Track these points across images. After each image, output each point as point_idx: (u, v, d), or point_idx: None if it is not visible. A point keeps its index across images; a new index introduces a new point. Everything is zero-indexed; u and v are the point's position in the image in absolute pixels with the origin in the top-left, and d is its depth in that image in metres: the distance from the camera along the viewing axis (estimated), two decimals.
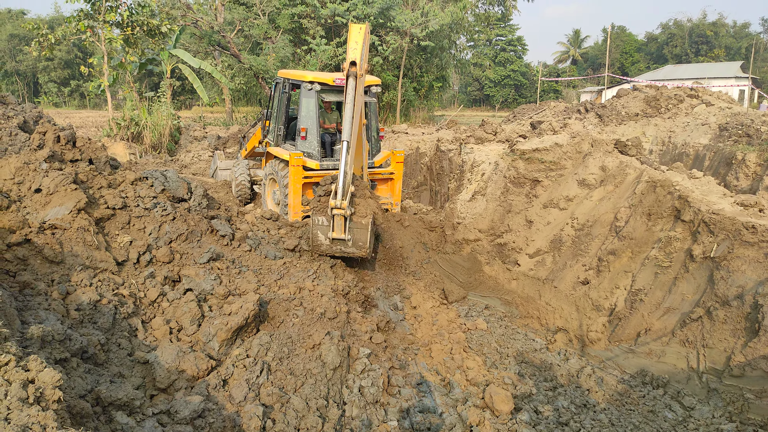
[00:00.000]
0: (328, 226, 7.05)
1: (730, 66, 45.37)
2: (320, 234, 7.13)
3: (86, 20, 17.49)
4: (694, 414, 5.76)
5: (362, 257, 7.36)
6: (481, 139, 12.89)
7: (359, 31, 7.58)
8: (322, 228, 7.11)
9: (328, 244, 7.12)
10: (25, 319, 4.05)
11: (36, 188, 5.51)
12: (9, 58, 54.13)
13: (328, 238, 7.09)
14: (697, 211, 7.13)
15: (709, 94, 16.07)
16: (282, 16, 26.18)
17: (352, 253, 7.22)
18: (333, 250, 7.19)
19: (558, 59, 73.88)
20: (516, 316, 8.13)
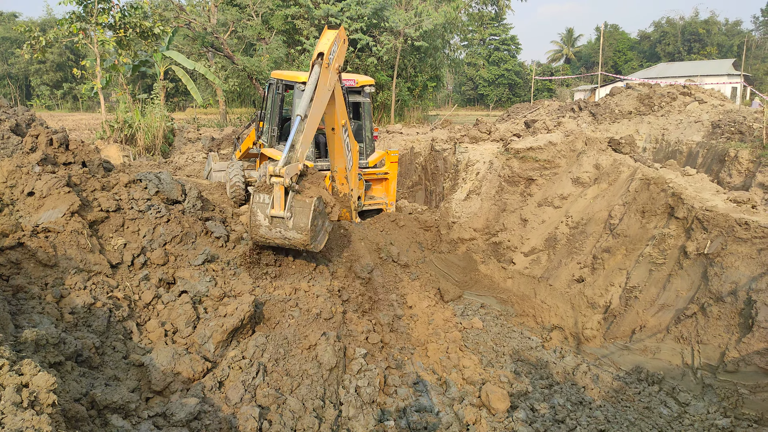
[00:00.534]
0: (269, 204, 6.36)
1: (723, 63, 45.63)
2: (259, 212, 6.38)
3: (78, 22, 17.42)
4: (689, 410, 5.79)
5: (305, 246, 6.36)
6: (476, 138, 12.92)
7: (333, 32, 7.68)
8: (262, 206, 6.37)
9: (267, 225, 6.36)
10: (19, 323, 4.03)
11: (29, 191, 5.48)
12: (1, 61, 53.87)
13: (267, 218, 6.35)
14: (691, 208, 7.17)
15: (701, 91, 16.16)
16: (275, 17, 26.15)
17: (293, 240, 6.34)
18: (272, 234, 6.40)
19: (551, 58, 74.13)
20: (511, 314, 8.15)
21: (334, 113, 8.18)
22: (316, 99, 7.17)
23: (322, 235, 6.66)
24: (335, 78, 7.61)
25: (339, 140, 8.50)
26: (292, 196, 6.33)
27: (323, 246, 6.62)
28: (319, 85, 7.22)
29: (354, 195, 9.27)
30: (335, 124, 8.28)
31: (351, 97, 10.31)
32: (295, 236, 6.29)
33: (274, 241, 6.44)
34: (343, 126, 8.35)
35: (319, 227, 6.56)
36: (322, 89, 7.30)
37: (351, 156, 8.86)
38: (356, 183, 9.27)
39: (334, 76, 7.59)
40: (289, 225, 6.27)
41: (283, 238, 6.34)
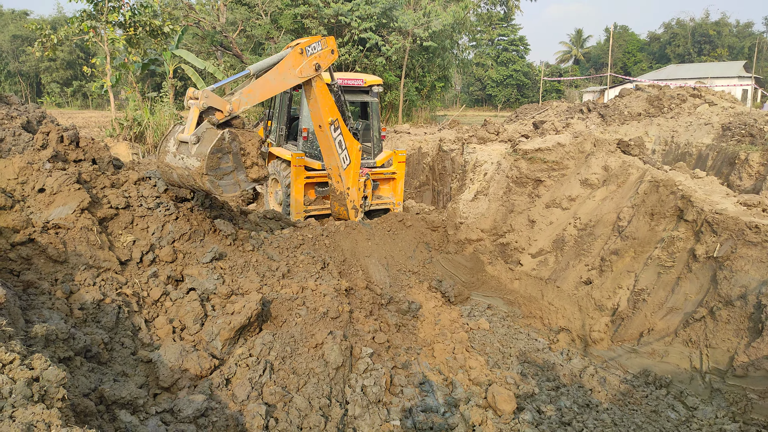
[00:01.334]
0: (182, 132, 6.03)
1: (733, 65, 45.30)
2: (171, 139, 6.03)
3: (89, 21, 17.53)
4: (697, 414, 5.75)
5: (201, 178, 5.73)
6: (484, 138, 12.89)
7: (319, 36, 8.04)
8: (175, 132, 6.05)
9: (174, 152, 5.97)
10: (29, 318, 4.06)
11: (39, 188, 5.53)
12: (12, 59, 54.30)
13: (176, 143, 5.98)
14: (700, 210, 7.12)
15: (711, 93, 16.05)
16: (284, 17, 26.21)
17: (191, 169, 5.79)
18: (176, 162, 5.95)
19: (560, 59, 73.86)
20: (518, 315, 8.12)
21: (317, 111, 8.31)
22: (276, 71, 7.32)
23: (229, 181, 5.97)
24: (310, 70, 7.77)
25: (326, 138, 8.60)
26: (206, 125, 5.96)
27: (229, 195, 6.02)
28: (284, 61, 7.43)
29: (352, 194, 9.26)
30: (321, 121, 8.43)
31: (359, 97, 10.32)
32: (194, 164, 5.75)
33: (176, 171, 5.97)
34: (332, 124, 8.42)
35: (225, 168, 5.91)
36: (285, 66, 7.43)
37: (346, 154, 8.86)
38: (355, 182, 9.23)
39: (309, 69, 7.75)
40: (192, 151, 5.78)
41: (184, 167, 5.84)
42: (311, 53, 7.79)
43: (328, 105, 8.36)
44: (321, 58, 7.92)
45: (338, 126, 8.56)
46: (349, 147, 8.89)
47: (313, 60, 7.83)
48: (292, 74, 7.61)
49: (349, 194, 9.25)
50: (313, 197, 10.05)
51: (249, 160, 6.18)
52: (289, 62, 7.58)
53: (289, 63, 7.59)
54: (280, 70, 7.47)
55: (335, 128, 8.52)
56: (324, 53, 7.97)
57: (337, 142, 8.68)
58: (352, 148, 8.96)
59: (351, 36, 25.84)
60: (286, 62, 7.56)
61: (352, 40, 25.97)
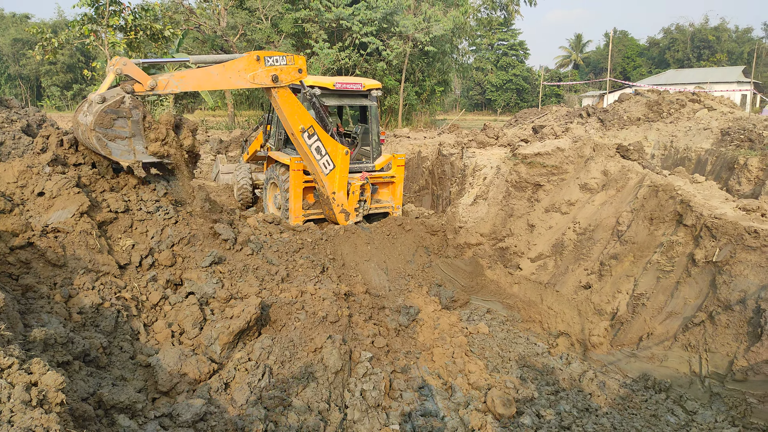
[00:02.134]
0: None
1: (732, 71, 45.41)
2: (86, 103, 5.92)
3: (90, 24, 17.58)
4: (697, 418, 5.75)
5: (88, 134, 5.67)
6: (483, 143, 12.91)
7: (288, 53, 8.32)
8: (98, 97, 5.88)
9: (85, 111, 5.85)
10: (28, 322, 4.06)
11: (39, 192, 5.53)
12: (12, 62, 54.38)
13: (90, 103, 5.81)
14: (699, 215, 7.13)
15: (711, 98, 16.09)
16: (285, 21, 26.28)
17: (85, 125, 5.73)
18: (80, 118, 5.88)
19: (560, 63, 74.02)
20: (518, 320, 8.12)
21: (285, 121, 8.52)
22: (221, 67, 7.40)
23: (122, 146, 5.80)
24: (265, 79, 7.84)
25: (299, 145, 8.71)
26: (118, 89, 5.89)
27: (120, 159, 5.88)
28: (235, 61, 7.52)
29: (339, 198, 9.27)
30: (291, 130, 8.58)
31: (358, 101, 10.34)
32: (86, 120, 5.64)
33: (79, 129, 5.87)
34: (304, 132, 8.53)
35: (120, 131, 5.75)
36: (234, 66, 7.50)
37: (327, 159, 8.90)
38: (342, 186, 9.23)
39: (264, 77, 7.82)
40: (93, 110, 5.67)
41: (84, 123, 5.73)
42: (270, 64, 7.84)
43: (296, 114, 8.44)
44: (282, 71, 7.97)
45: (313, 133, 8.61)
46: (331, 152, 8.90)
47: (272, 71, 7.87)
48: (241, 76, 7.65)
49: (336, 198, 9.26)
50: (312, 201, 10.05)
51: (154, 134, 6.11)
52: (240, 64, 7.64)
53: (240, 65, 7.64)
54: (227, 67, 7.51)
55: (309, 135, 8.59)
56: (288, 68, 8.03)
57: (314, 149, 8.74)
58: (336, 152, 8.96)
59: (352, 40, 25.91)
60: (237, 63, 7.61)
61: (353, 44, 26.03)
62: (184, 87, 7.01)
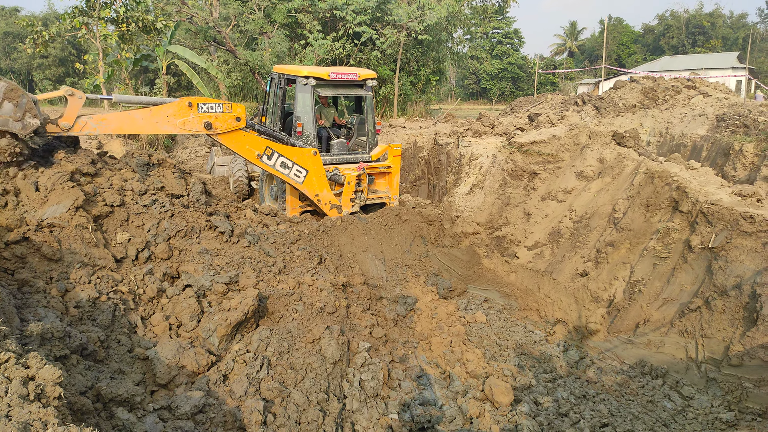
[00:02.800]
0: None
1: (727, 57, 45.33)
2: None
3: (81, 17, 17.38)
4: (693, 403, 5.79)
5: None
6: (479, 132, 12.88)
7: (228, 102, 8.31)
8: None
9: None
10: (24, 317, 4.05)
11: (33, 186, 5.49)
12: (3, 56, 53.85)
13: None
14: (695, 201, 7.14)
15: (706, 84, 16.08)
16: (278, 11, 26.07)
17: None
18: None
19: (555, 51, 73.73)
20: (515, 308, 8.14)
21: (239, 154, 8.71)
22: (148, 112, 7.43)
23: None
24: (197, 126, 7.89)
25: (264, 168, 8.85)
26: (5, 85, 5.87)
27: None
28: (164, 106, 7.61)
29: (324, 197, 9.31)
30: (248, 161, 8.84)
31: (353, 91, 10.30)
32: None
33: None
34: (260, 157, 8.60)
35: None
36: (162, 112, 7.56)
37: (297, 168, 8.94)
38: (322, 185, 9.26)
39: (196, 124, 7.87)
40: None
41: None
42: (204, 111, 7.86)
43: (246, 144, 8.50)
44: (217, 119, 8.01)
45: (271, 153, 8.68)
46: (299, 160, 8.89)
47: (204, 118, 7.89)
48: (170, 121, 7.66)
49: (321, 198, 9.26)
50: None
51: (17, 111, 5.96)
52: (169, 110, 7.64)
53: (170, 110, 7.64)
54: (155, 113, 7.52)
55: (268, 157, 8.67)
56: (223, 116, 8.07)
57: (279, 166, 8.80)
58: (304, 158, 8.93)
59: (345, 30, 25.74)
60: (165, 108, 7.62)
61: (346, 34, 25.87)
62: (103, 130, 7.13)
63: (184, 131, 7.86)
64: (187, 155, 16.90)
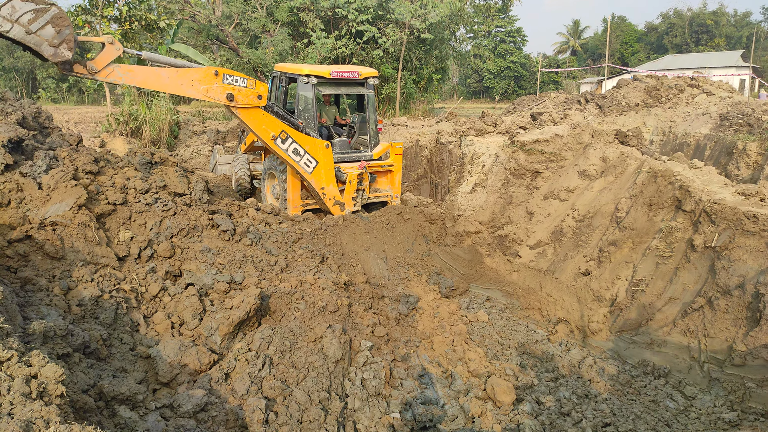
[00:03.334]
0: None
1: (731, 55, 45.17)
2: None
3: (84, 15, 17.40)
4: (696, 403, 5.78)
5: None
6: (481, 131, 12.86)
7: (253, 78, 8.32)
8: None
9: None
10: (27, 315, 4.05)
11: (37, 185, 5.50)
12: (6, 55, 53.92)
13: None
14: (698, 200, 7.12)
15: (709, 83, 16.02)
16: (280, 10, 26.06)
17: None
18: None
19: (557, 50, 73.57)
20: (517, 307, 8.14)
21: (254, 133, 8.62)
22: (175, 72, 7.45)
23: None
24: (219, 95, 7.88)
25: (276, 152, 8.80)
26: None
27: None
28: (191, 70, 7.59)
29: (329, 191, 9.28)
30: (263, 141, 8.67)
31: (355, 89, 10.28)
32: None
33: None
34: (275, 139, 8.55)
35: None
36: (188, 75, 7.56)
37: (308, 158, 8.91)
38: (330, 179, 9.23)
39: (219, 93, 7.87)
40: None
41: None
42: (228, 82, 7.85)
43: (263, 124, 8.46)
44: (239, 92, 7.99)
45: (286, 137, 8.63)
46: (310, 149, 8.88)
47: (228, 89, 7.87)
48: (194, 86, 7.66)
49: (326, 193, 9.26)
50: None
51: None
52: (195, 74, 7.63)
53: (196, 75, 7.64)
54: (181, 74, 7.53)
55: (282, 141, 8.63)
56: (246, 91, 8.06)
57: (291, 152, 8.77)
58: (317, 148, 8.94)
59: (348, 28, 25.72)
60: (192, 72, 7.60)
61: (349, 32, 25.86)
62: (128, 80, 7.04)
63: (206, 98, 7.82)
64: (189, 154, 16.91)
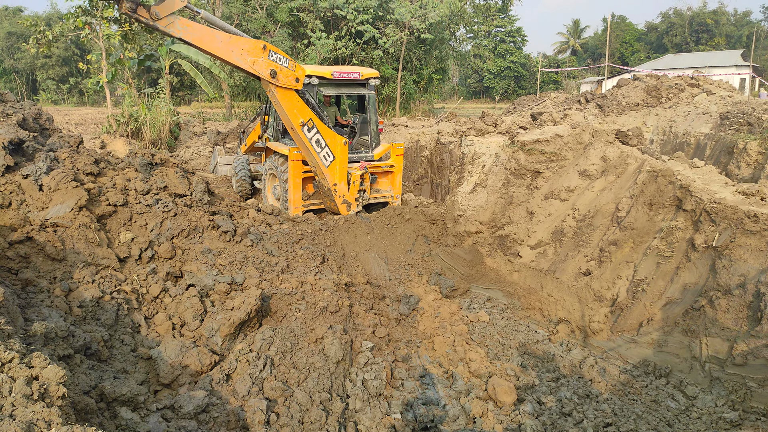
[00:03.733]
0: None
1: (731, 54, 45.17)
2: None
3: (84, 17, 17.40)
4: (697, 403, 5.78)
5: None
6: (482, 131, 12.86)
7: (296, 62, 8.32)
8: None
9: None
10: (28, 317, 4.06)
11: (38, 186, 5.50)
12: (7, 56, 53.98)
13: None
14: (699, 200, 7.12)
15: (709, 83, 16.02)
16: (280, 10, 26.08)
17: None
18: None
19: (558, 50, 73.62)
20: (518, 307, 8.13)
21: (284, 115, 8.53)
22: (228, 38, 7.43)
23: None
24: (263, 70, 7.87)
25: (299, 139, 8.73)
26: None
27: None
28: (244, 39, 7.58)
29: (340, 189, 9.27)
30: (290, 125, 8.57)
31: (355, 90, 10.29)
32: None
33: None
34: (303, 125, 8.52)
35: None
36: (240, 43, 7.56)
37: (327, 151, 8.89)
38: (342, 177, 9.23)
39: (263, 68, 7.88)
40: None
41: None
42: (272, 58, 7.89)
43: (294, 108, 8.45)
44: (281, 71, 8.02)
45: (312, 126, 8.62)
46: (330, 143, 8.89)
47: (271, 65, 7.90)
48: (242, 56, 7.67)
49: (337, 189, 9.26)
50: (312, 191, 10.03)
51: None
52: (246, 45, 7.63)
53: (246, 45, 7.63)
54: (234, 41, 7.51)
55: (308, 129, 8.62)
56: (287, 71, 8.09)
57: (314, 142, 8.75)
58: (335, 144, 8.96)
59: (348, 29, 25.74)
60: (244, 42, 7.59)
61: (349, 33, 25.87)
62: (184, 35, 7.03)
63: (251, 70, 7.84)
64: (190, 155, 16.92)
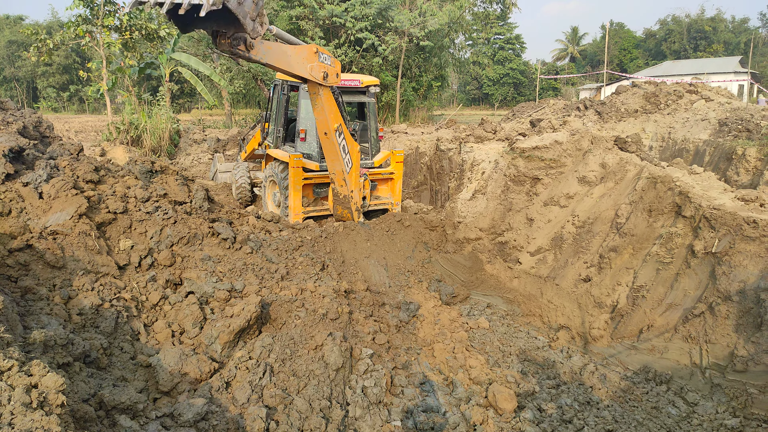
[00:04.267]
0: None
1: (729, 61, 45.39)
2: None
3: (85, 25, 17.50)
4: (698, 409, 5.76)
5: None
6: (481, 137, 12.89)
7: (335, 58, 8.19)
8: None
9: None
10: (27, 324, 4.05)
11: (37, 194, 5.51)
12: (8, 64, 54.19)
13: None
14: (698, 206, 7.13)
15: (708, 89, 16.08)
16: (280, 18, 26.20)
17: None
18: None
19: (556, 57, 73.95)
20: (518, 314, 8.12)
21: (324, 118, 8.38)
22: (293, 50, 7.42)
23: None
24: (318, 75, 7.82)
25: (331, 144, 8.64)
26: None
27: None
28: (301, 47, 7.56)
29: (355, 196, 9.27)
30: (327, 129, 8.47)
31: (356, 97, 10.32)
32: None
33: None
34: (336, 130, 8.45)
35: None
36: (300, 52, 7.52)
37: (349, 158, 8.88)
38: (357, 184, 9.26)
39: (318, 72, 7.82)
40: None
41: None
42: (322, 60, 7.83)
43: (333, 112, 8.42)
44: (329, 71, 7.97)
45: (341, 131, 8.61)
46: (351, 150, 8.93)
47: (323, 68, 7.85)
48: (302, 65, 7.63)
49: (353, 197, 9.28)
50: (312, 198, 10.04)
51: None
52: (304, 52, 7.59)
53: (304, 53, 7.60)
54: (297, 52, 7.50)
55: (339, 134, 8.59)
56: (333, 69, 8.06)
57: (341, 147, 8.74)
58: (353, 150, 8.99)
59: (347, 37, 25.86)
60: (302, 50, 7.55)
61: (348, 40, 25.99)
62: (267, 59, 6.94)
63: (309, 77, 7.75)
64: (189, 162, 16.95)
